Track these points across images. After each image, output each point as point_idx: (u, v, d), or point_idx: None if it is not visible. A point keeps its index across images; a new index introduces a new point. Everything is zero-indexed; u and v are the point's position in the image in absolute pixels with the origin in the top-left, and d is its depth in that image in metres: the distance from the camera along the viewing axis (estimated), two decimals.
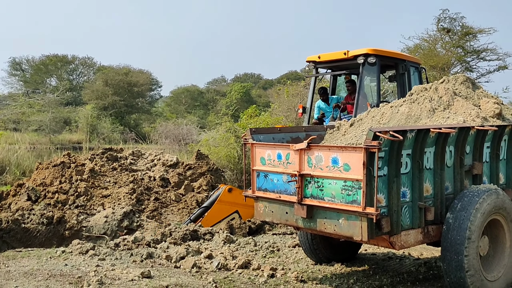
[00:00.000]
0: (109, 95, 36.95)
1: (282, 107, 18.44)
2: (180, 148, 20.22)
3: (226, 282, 5.49)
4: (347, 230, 4.72)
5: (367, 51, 8.71)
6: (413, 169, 4.79)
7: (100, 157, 10.67)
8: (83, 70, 52.83)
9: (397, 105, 5.76)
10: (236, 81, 52.79)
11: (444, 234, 4.88)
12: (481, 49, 21.11)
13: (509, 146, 5.81)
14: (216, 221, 8.07)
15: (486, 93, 6.10)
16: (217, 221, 8.07)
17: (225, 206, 8.12)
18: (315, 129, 6.56)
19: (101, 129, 29.55)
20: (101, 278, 5.29)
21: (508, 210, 5.18)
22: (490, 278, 5.00)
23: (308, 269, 6.18)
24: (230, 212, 8.14)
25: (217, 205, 8.08)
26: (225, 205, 8.12)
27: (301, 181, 5.03)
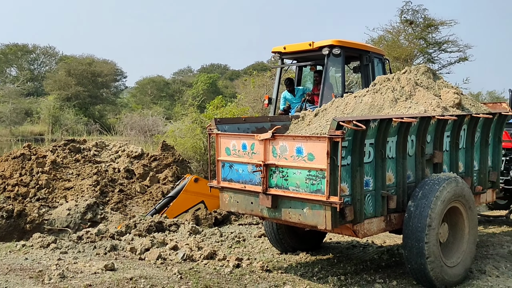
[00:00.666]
0: (72, 86, 36.13)
1: (248, 98, 18.41)
2: (146, 139, 19.99)
3: (192, 273, 5.47)
4: (312, 219, 4.75)
5: (332, 42, 8.77)
6: (376, 158, 4.86)
7: (62, 148, 10.44)
8: (45, 60, 51.53)
9: (360, 95, 5.82)
10: (203, 72, 52.46)
11: (405, 222, 4.97)
12: (443, 41, 21.60)
13: (468, 136, 5.96)
14: (181, 211, 8.01)
15: (446, 84, 6.23)
16: (182, 211, 8.02)
17: (191, 196, 8.07)
18: (280, 119, 6.57)
19: (64, 121, 28.91)
20: (63, 272, 5.20)
21: (467, 197, 5.32)
22: (449, 264, 5.14)
23: (274, 258, 6.22)
24: (196, 202, 8.09)
25: (183, 195, 8.02)
26: (191, 195, 8.07)
27: (266, 171, 5.04)
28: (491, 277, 5.47)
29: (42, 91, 41.78)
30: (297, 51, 9.40)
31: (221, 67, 62.04)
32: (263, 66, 36.67)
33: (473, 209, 5.44)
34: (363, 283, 5.29)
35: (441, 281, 4.99)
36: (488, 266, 5.76)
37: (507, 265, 5.92)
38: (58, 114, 29.97)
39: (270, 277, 5.43)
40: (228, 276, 5.44)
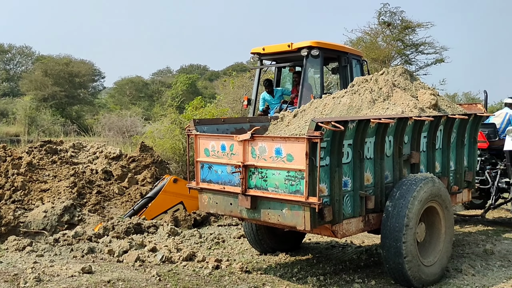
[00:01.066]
0: (49, 86, 35.58)
1: (227, 99, 18.38)
2: (124, 140, 19.79)
3: (170, 275, 5.44)
4: (291, 220, 4.77)
5: (310, 43, 8.82)
6: (354, 159, 4.90)
7: (38, 150, 10.27)
8: (21, 60, 50.75)
9: (339, 96, 5.86)
10: (182, 73, 52.20)
11: (383, 222, 5.02)
12: (420, 42, 21.88)
13: (444, 136, 6.04)
14: (159, 212, 7.94)
15: (423, 85, 6.31)
16: (161, 212, 7.94)
17: (169, 197, 8.00)
18: (259, 120, 6.58)
19: (40, 121, 28.46)
20: (39, 275, 5.12)
21: (443, 197, 5.39)
22: (426, 263, 5.20)
23: (253, 259, 6.22)
24: (174, 203, 8.03)
25: (162, 196, 7.96)
26: (169, 196, 8.00)
27: (245, 172, 5.03)
28: (467, 275, 5.56)
29: (18, 91, 41.10)
30: (276, 52, 9.43)
31: (200, 68, 61.88)
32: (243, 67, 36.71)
33: (449, 208, 5.52)
34: (342, 283, 5.32)
35: (418, 280, 5.05)
36: (464, 265, 5.85)
37: (482, 263, 6.01)
38: (35, 114, 29.50)
39: (250, 278, 5.43)
40: (207, 278, 5.42)
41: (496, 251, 6.57)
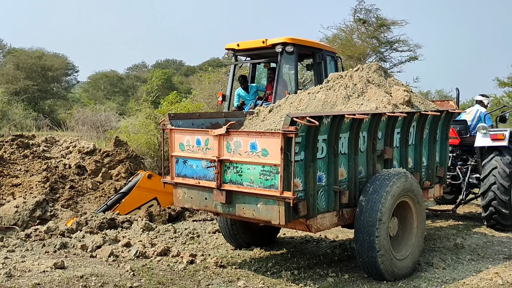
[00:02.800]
0: (20, 80, 34.85)
1: (203, 94, 18.31)
2: (98, 135, 19.54)
3: (145, 270, 5.40)
4: (266, 215, 4.78)
5: (285, 40, 8.84)
6: (328, 154, 4.94)
7: (10, 144, 10.07)
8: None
9: (314, 92, 5.90)
10: (158, 68, 51.70)
11: (357, 216, 5.08)
12: (394, 40, 22.13)
13: (417, 132, 6.14)
14: (133, 208, 7.87)
15: (397, 81, 6.39)
16: (135, 208, 7.88)
17: (143, 192, 7.94)
18: (235, 115, 6.57)
19: (12, 115, 27.86)
20: (9, 271, 5.03)
21: (415, 192, 5.48)
22: (398, 257, 5.28)
23: (228, 254, 6.22)
24: (148, 198, 7.97)
25: (136, 191, 7.89)
26: (143, 192, 7.94)
27: (220, 167, 5.03)
28: (438, 269, 5.66)
29: None
30: (250, 48, 9.43)
31: (176, 63, 61.34)
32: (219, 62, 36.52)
33: (421, 203, 5.61)
34: (316, 277, 5.37)
35: (391, 274, 5.13)
36: (435, 259, 5.96)
37: (453, 257, 6.14)
38: (6, 108, 28.84)
39: (224, 273, 5.43)
40: (182, 273, 5.40)
41: (466, 245, 6.71)
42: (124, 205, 7.82)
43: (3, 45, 49.17)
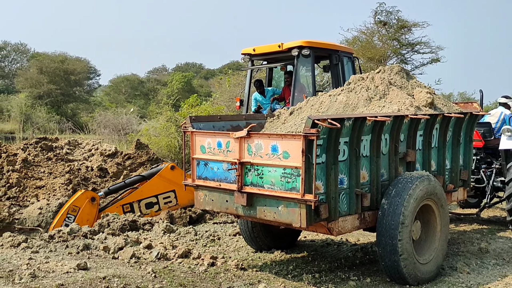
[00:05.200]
0: (44, 84, 35.44)
1: (223, 97, 18.38)
2: (120, 138, 19.77)
3: (166, 272, 5.43)
4: (286, 217, 4.76)
5: (301, 43, 8.84)
6: (350, 156, 4.90)
7: (33, 146, 10.23)
8: (16, 57, 50.49)
9: (335, 94, 5.87)
10: (178, 71, 52.08)
11: (379, 220, 5.03)
12: (416, 42, 21.92)
13: (440, 135, 6.06)
14: (150, 195, 7.84)
15: (419, 83, 6.32)
16: (151, 195, 7.84)
17: (163, 182, 7.91)
18: (256, 117, 6.57)
19: (35, 119, 28.36)
20: (34, 271, 5.10)
21: (439, 195, 5.40)
22: (422, 261, 5.21)
23: (249, 257, 6.21)
24: (167, 189, 7.92)
25: (156, 179, 7.87)
26: (163, 181, 7.90)
27: (241, 169, 5.03)
28: (462, 273, 5.57)
29: (13, 88, 40.91)
30: (266, 53, 9.45)
31: (196, 66, 61.73)
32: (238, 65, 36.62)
33: (444, 207, 5.53)
34: (337, 281, 5.33)
35: (414, 278, 5.07)
36: (459, 263, 5.87)
37: (477, 262, 6.04)
38: (30, 112, 29.39)
39: (245, 276, 5.43)
40: (203, 275, 5.41)
41: (491, 249, 6.59)
42: (142, 190, 7.82)
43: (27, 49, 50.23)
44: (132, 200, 7.74)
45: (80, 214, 7.27)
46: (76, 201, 7.36)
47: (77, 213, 7.27)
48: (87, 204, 7.29)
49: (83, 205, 7.34)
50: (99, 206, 7.58)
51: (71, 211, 7.27)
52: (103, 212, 7.58)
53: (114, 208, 7.64)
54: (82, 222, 7.25)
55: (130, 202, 7.73)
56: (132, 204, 7.72)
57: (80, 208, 7.31)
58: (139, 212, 7.76)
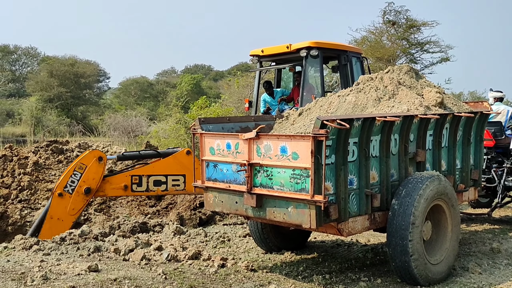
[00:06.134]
0: (54, 87, 35.72)
1: (232, 98, 18.44)
2: (130, 140, 19.88)
3: (176, 274, 5.45)
4: (296, 218, 4.76)
5: (309, 44, 8.84)
6: (359, 157, 4.89)
7: (44, 149, 10.31)
8: (27, 61, 50.96)
9: (344, 95, 5.85)
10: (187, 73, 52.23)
11: (389, 220, 5.01)
12: (425, 41, 21.83)
13: (450, 134, 6.02)
14: (160, 173, 7.74)
15: (428, 83, 6.29)
16: (161, 173, 7.78)
17: (176, 164, 7.82)
18: (264, 119, 6.58)
19: (46, 122, 28.61)
20: (45, 274, 5.13)
21: (449, 195, 5.37)
22: (433, 261, 5.18)
23: (259, 258, 6.22)
24: (178, 172, 7.84)
25: (171, 159, 7.79)
26: (177, 163, 7.82)
27: (250, 171, 5.03)
28: (474, 274, 5.54)
29: (23, 92, 41.30)
30: (275, 54, 9.46)
31: (205, 68, 61.94)
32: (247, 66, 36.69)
33: (455, 207, 5.50)
34: (348, 282, 5.31)
35: (425, 279, 5.04)
36: (471, 263, 5.83)
37: (489, 262, 5.99)
38: (40, 115, 29.65)
39: (255, 277, 5.43)
40: (213, 276, 5.42)
41: (503, 249, 6.54)
42: (153, 166, 7.81)
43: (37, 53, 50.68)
44: (143, 173, 7.70)
45: (87, 172, 7.26)
46: (83, 159, 7.36)
47: (84, 171, 7.25)
48: (94, 163, 7.25)
49: (90, 164, 7.31)
50: (105, 166, 7.57)
51: (78, 169, 7.28)
52: (113, 177, 7.60)
53: (123, 176, 7.60)
54: (88, 180, 7.25)
55: (140, 174, 7.67)
56: (142, 177, 7.66)
57: (87, 166, 7.29)
58: (146, 187, 7.68)
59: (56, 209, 7.06)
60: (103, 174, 7.38)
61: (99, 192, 7.37)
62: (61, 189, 7.08)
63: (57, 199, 7.06)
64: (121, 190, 7.43)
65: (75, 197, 7.11)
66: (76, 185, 7.13)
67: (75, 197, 7.11)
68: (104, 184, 7.38)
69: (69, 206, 7.10)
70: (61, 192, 7.07)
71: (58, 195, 7.05)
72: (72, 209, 7.13)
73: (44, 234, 6.92)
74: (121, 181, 7.44)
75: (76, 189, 7.12)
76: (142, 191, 7.58)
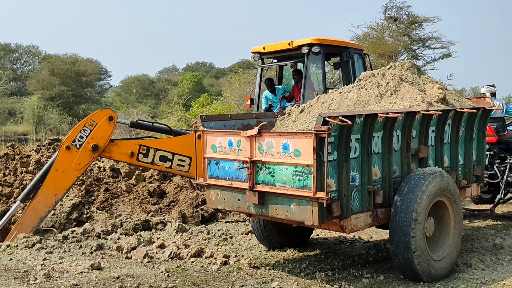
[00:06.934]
0: (56, 85, 35.75)
1: (234, 96, 18.43)
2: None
3: (179, 271, 5.45)
4: (299, 215, 4.75)
5: (311, 40, 8.82)
6: (362, 153, 4.88)
7: (46, 148, 10.32)
8: (28, 59, 51.01)
9: (346, 91, 5.84)
10: (188, 70, 52.27)
11: (392, 217, 5.00)
12: (427, 37, 21.78)
13: (452, 130, 6.01)
14: (168, 150, 7.67)
15: (431, 79, 6.27)
16: (170, 150, 7.78)
17: (186, 145, 7.74)
18: (266, 116, 6.57)
19: (48, 120, 28.64)
20: (48, 272, 5.14)
21: (452, 191, 5.36)
22: (435, 258, 5.18)
23: (261, 255, 6.21)
24: (185, 153, 7.80)
25: (182, 139, 7.71)
26: (186, 145, 7.79)
27: (252, 168, 5.02)
28: (476, 270, 5.53)
29: (25, 91, 41.33)
30: (276, 51, 9.44)
31: (206, 65, 61.91)
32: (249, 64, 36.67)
33: (458, 203, 5.49)
34: (350, 278, 5.31)
35: (427, 275, 5.03)
36: (474, 260, 5.82)
37: (492, 258, 5.98)
38: (42, 114, 29.67)
39: (258, 274, 5.43)
40: (216, 274, 5.42)
41: (506, 245, 6.53)
42: (163, 141, 7.79)
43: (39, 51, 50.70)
44: (151, 145, 7.68)
45: (96, 129, 7.25)
46: (94, 116, 7.37)
47: (93, 128, 7.25)
48: (104, 121, 7.23)
49: (101, 122, 7.31)
50: (115, 127, 7.52)
51: (88, 125, 7.30)
52: (122, 142, 7.63)
53: (131, 143, 7.59)
54: (96, 137, 7.25)
55: (148, 146, 7.66)
56: (150, 149, 7.63)
57: (97, 123, 7.29)
58: (152, 159, 7.66)
59: (62, 162, 7.04)
60: (112, 134, 7.38)
61: (106, 153, 7.35)
62: (69, 143, 7.06)
63: (64, 152, 7.05)
64: (127, 156, 7.39)
65: (82, 153, 7.09)
66: (85, 141, 7.11)
67: (82, 152, 7.09)
68: (112, 146, 7.37)
69: (75, 161, 7.07)
70: (69, 145, 7.05)
71: (65, 148, 7.04)
72: (77, 164, 7.10)
73: (46, 186, 6.94)
74: (129, 148, 7.43)
75: (84, 145, 7.11)
76: (147, 163, 7.52)
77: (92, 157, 7.15)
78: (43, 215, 6.99)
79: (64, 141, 7.11)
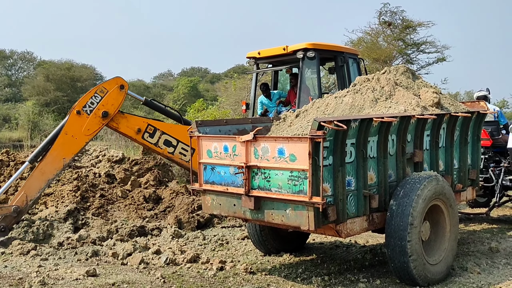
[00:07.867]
0: (51, 91, 35.71)
1: (229, 101, 18.44)
2: (127, 144, 19.81)
3: (175, 277, 5.43)
4: (295, 220, 4.75)
5: (306, 45, 8.85)
6: (357, 158, 4.88)
7: None
8: (23, 65, 50.91)
9: (341, 96, 5.85)
10: (183, 76, 52.27)
11: (388, 221, 5.00)
12: (421, 42, 21.85)
13: (447, 134, 6.02)
14: (175, 136, 7.81)
15: (425, 83, 6.29)
16: (173, 136, 7.82)
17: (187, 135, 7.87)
18: (262, 121, 6.56)
19: (43, 126, 28.52)
20: (43, 279, 5.12)
21: (447, 195, 5.37)
22: (431, 262, 5.18)
23: (257, 260, 6.20)
24: (187, 142, 7.83)
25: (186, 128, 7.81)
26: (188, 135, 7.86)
27: (248, 173, 5.02)
28: (472, 274, 5.53)
29: (20, 97, 41.21)
30: (271, 56, 9.47)
31: (201, 71, 61.94)
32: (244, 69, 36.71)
33: (453, 207, 5.50)
34: (347, 283, 5.30)
35: (424, 279, 5.03)
36: (470, 263, 5.83)
37: (488, 261, 5.99)
38: (37, 119, 29.56)
39: (254, 279, 5.42)
40: (212, 279, 5.41)
41: (501, 249, 6.55)
42: (171, 127, 7.91)
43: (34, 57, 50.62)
44: (159, 127, 7.75)
45: (107, 96, 7.38)
46: (106, 84, 7.50)
47: (105, 95, 7.37)
48: (115, 89, 7.40)
49: (112, 89, 7.44)
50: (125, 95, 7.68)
51: (99, 91, 7.40)
52: (132, 116, 7.73)
53: (140, 120, 7.72)
54: (107, 104, 7.37)
55: (156, 127, 7.74)
56: (157, 130, 7.72)
57: (108, 91, 7.42)
58: (157, 140, 7.71)
59: (72, 126, 7.19)
60: (122, 102, 7.51)
61: (113, 123, 7.48)
62: (80, 108, 7.19)
63: (74, 117, 7.18)
64: (133, 131, 7.54)
65: (92, 118, 7.23)
66: (95, 107, 7.25)
67: (92, 118, 7.23)
68: (122, 118, 7.51)
69: (85, 126, 7.23)
70: (79, 110, 7.18)
71: (76, 113, 7.18)
72: (87, 129, 7.26)
73: (55, 148, 7.09)
74: (137, 124, 7.56)
75: (94, 111, 7.24)
76: (151, 143, 7.65)
77: (101, 123, 7.32)
78: (51, 177, 7.13)
79: (75, 106, 7.26)
